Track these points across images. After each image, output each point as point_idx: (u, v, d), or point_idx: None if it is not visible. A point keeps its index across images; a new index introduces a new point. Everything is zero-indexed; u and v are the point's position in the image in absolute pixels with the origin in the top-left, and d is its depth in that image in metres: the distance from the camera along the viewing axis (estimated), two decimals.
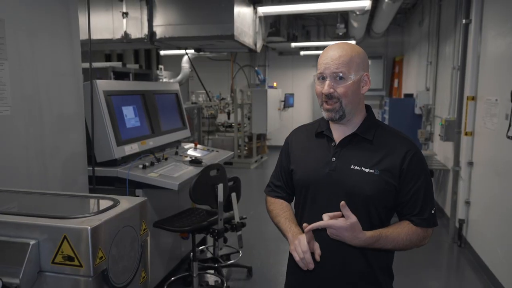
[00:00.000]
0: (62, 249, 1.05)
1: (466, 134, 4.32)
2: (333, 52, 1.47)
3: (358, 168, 1.46)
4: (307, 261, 1.39)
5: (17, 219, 1.11)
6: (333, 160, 1.50)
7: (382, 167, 1.45)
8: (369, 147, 1.50)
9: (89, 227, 1.05)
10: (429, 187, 1.50)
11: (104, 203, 1.23)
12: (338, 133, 1.54)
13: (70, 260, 1.05)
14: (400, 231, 1.46)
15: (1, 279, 1.00)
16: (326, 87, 1.44)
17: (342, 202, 1.35)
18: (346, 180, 1.47)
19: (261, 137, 9.51)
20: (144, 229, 1.29)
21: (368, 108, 1.57)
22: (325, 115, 1.49)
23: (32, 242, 1.07)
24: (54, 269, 1.08)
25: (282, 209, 1.64)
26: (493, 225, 3.67)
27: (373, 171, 1.45)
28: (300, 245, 1.40)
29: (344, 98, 1.45)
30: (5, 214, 1.14)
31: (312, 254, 1.41)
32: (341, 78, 1.44)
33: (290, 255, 1.66)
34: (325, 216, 1.39)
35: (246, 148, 9.29)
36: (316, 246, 1.43)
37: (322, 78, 1.47)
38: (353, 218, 1.35)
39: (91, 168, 2.75)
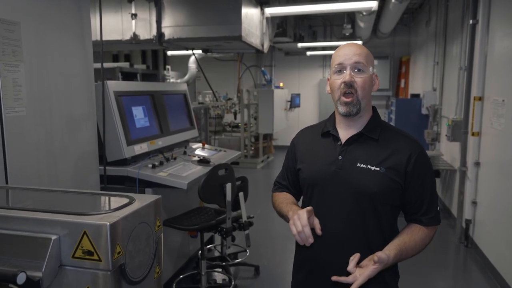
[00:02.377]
0: (82, 244, 1.10)
1: (473, 134, 4.33)
2: (351, 46, 1.52)
3: (364, 166, 1.49)
4: (306, 235, 1.41)
5: (39, 215, 1.16)
6: (339, 159, 1.53)
7: (388, 165, 1.48)
8: (375, 145, 1.53)
9: (108, 223, 1.09)
10: (433, 186, 1.55)
11: (120, 201, 1.27)
12: (344, 132, 1.58)
13: (89, 254, 1.10)
14: (415, 238, 1.50)
15: (25, 272, 1.05)
16: (348, 76, 1.47)
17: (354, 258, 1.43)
18: (352, 178, 1.50)
19: (268, 137, 9.55)
20: (158, 225, 1.34)
21: (374, 109, 1.61)
22: (342, 109, 1.51)
23: (53, 237, 1.11)
24: (74, 263, 1.12)
25: (285, 197, 1.69)
26: (500, 225, 3.67)
27: (379, 169, 1.48)
28: (300, 219, 1.42)
29: (361, 90, 1.49)
30: (28, 211, 1.19)
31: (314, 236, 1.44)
32: (359, 70, 1.49)
33: (297, 252, 1.70)
34: (352, 269, 1.43)
35: (253, 148, 9.33)
36: (316, 221, 1.47)
37: (339, 71, 1.51)
38: (375, 258, 1.40)
39: (102, 168, 2.80)
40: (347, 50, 1.50)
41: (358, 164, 1.50)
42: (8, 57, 1.95)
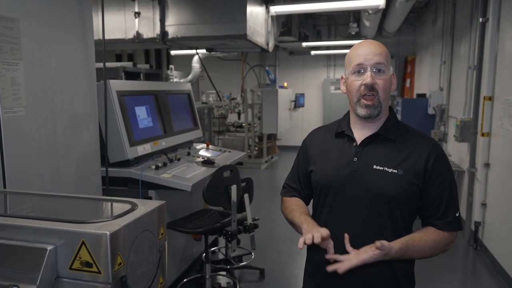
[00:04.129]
0: (80, 254, 1.02)
1: (482, 135, 4.23)
2: (371, 45, 1.43)
3: (381, 168, 1.42)
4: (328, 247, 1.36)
5: (34, 223, 1.08)
6: (354, 160, 1.46)
7: (406, 167, 1.41)
8: (392, 146, 1.45)
9: (108, 233, 1.01)
10: (453, 189, 1.46)
11: (122, 207, 1.20)
12: (360, 133, 1.50)
13: (88, 266, 1.02)
14: (426, 238, 1.42)
15: (18, 286, 0.97)
16: (369, 78, 1.39)
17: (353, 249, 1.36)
18: (368, 181, 1.43)
19: (272, 137, 9.47)
20: (162, 233, 1.26)
21: (390, 109, 1.53)
22: (362, 112, 1.43)
23: (49, 247, 1.03)
24: (72, 275, 1.04)
25: (298, 205, 1.61)
26: (511, 228, 3.58)
27: (396, 171, 1.41)
28: (314, 239, 1.32)
29: (382, 92, 1.41)
30: (21, 218, 1.11)
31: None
32: (379, 71, 1.41)
33: (309, 257, 1.63)
34: (351, 250, 1.37)
35: (257, 148, 9.25)
36: (330, 245, 1.39)
37: (358, 71, 1.42)
38: (377, 244, 1.32)
39: (104, 169, 2.73)
40: (367, 49, 1.41)
41: (375, 166, 1.43)
42: (6, 55, 1.88)
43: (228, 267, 3.81)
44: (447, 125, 6.15)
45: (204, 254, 3.29)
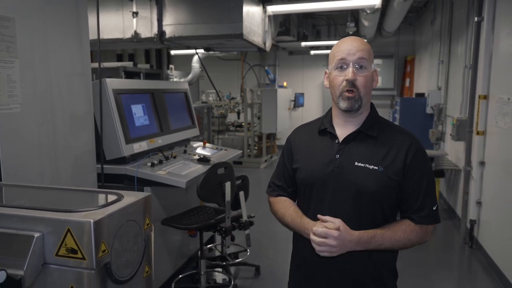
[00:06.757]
0: (65, 241, 1.07)
1: (477, 133, 4.26)
2: (353, 41, 1.47)
3: (362, 165, 1.45)
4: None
5: (22, 212, 1.12)
6: (337, 157, 1.49)
7: (386, 164, 1.44)
8: (373, 143, 1.49)
9: (92, 220, 1.06)
10: (430, 183, 1.49)
11: (108, 198, 1.24)
12: (342, 130, 1.53)
13: (73, 252, 1.07)
14: (396, 228, 1.45)
15: (6, 271, 1.02)
16: (351, 74, 1.42)
17: (319, 215, 1.41)
18: (350, 177, 1.46)
19: (271, 136, 9.51)
20: (148, 224, 1.30)
21: (371, 105, 1.57)
22: (344, 104, 1.46)
23: (36, 234, 1.08)
24: (58, 261, 1.09)
25: (286, 206, 1.61)
26: (506, 226, 3.61)
27: (377, 168, 1.44)
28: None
29: (363, 88, 1.45)
30: (10, 207, 1.16)
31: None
32: (361, 67, 1.44)
33: (294, 253, 1.66)
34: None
35: (256, 147, 9.29)
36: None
37: (341, 67, 1.46)
38: (336, 221, 1.38)
39: (100, 166, 2.77)
40: (349, 45, 1.45)
41: (356, 163, 1.46)
42: (2, 53, 1.93)
43: (224, 263, 3.85)
44: (444, 124, 6.17)
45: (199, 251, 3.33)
